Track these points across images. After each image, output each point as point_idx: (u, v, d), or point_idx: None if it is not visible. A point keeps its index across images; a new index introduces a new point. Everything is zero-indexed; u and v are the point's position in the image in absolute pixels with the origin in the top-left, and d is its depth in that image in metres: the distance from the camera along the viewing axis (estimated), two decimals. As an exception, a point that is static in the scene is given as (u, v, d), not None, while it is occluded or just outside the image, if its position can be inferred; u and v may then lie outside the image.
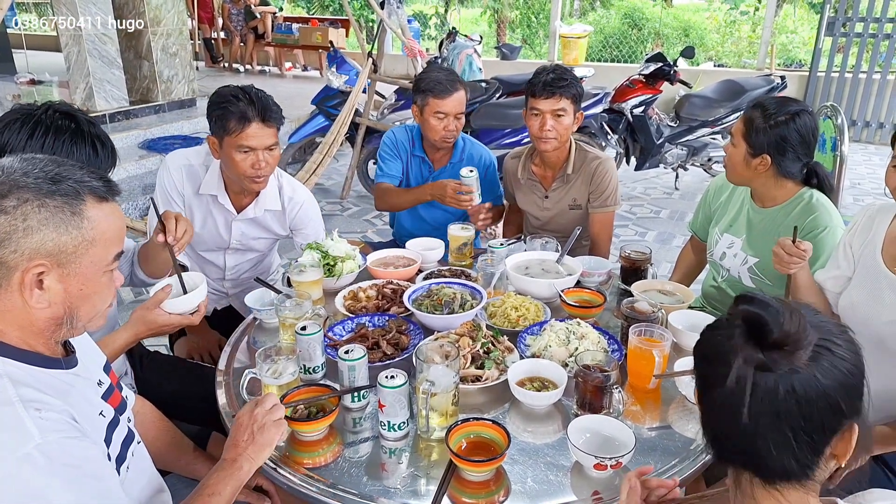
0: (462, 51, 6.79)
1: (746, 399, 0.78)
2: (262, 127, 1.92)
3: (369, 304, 1.93)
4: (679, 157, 5.64)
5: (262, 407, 1.25)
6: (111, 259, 1.05)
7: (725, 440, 0.86)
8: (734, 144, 1.92)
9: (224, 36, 12.14)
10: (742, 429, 0.80)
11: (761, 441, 0.80)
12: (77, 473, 0.93)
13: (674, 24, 12.37)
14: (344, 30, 11.43)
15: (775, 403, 0.78)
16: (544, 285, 1.93)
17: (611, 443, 1.30)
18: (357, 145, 5.48)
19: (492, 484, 1.25)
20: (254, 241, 2.25)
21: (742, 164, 1.91)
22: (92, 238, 1.00)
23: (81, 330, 1.08)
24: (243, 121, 1.89)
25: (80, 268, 1.00)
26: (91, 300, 1.04)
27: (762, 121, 1.84)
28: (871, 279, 1.59)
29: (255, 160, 1.94)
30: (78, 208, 0.99)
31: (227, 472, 1.18)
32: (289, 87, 10.24)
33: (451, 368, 1.35)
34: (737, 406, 0.79)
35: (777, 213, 1.95)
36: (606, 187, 2.37)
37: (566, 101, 2.24)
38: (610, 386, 1.39)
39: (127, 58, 6.59)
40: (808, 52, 8.49)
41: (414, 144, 2.61)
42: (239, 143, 1.91)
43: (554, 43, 9.18)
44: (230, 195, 2.12)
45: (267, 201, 2.16)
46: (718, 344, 0.85)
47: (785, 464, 0.81)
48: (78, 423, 0.99)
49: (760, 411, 0.79)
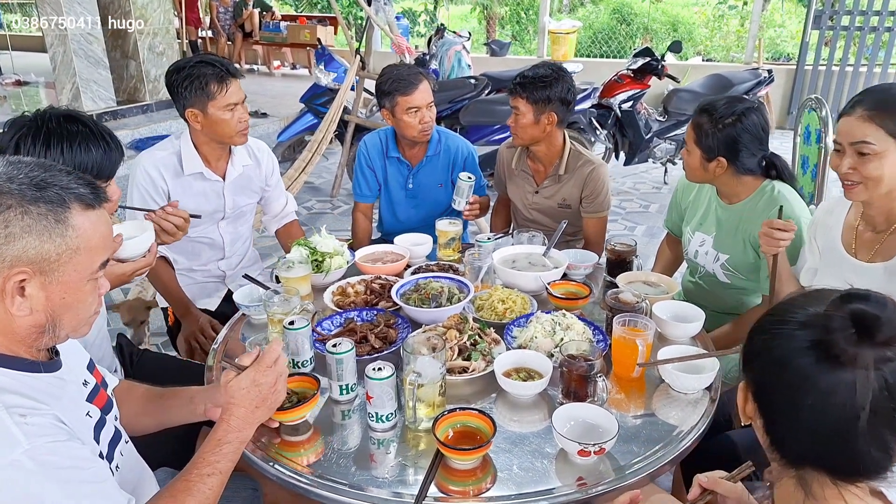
0: (451, 47, 6.80)
1: (868, 400, 0.75)
2: (237, 82, 2.11)
3: (357, 299, 1.95)
4: (667, 152, 5.67)
5: (265, 366, 1.22)
6: (96, 267, 1.04)
7: (811, 443, 0.81)
8: (689, 151, 1.95)
9: (211, 35, 12.09)
10: (847, 430, 0.77)
11: (862, 440, 0.77)
12: (69, 475, 0.94)
13: (662, 18, 12.41)
14: (332, 27, 11.42)
15: (885, 400, 0.76)
16: (531, 278, 1.95)
17: (594, 430, 1.33)
18: (346, 143, 5.48)
19: (478, 472, 1.27)
20: (243, 201, 2.38)
21: (700, 168, 1.94)
22: (76, 246, 0.99)
23: (65, 338, 1.06)
24: (223, 80, 2.05)
25: (63, 276, 0.99)
26: (74, 308, 1.03)
27: (710, 125, 1.86)
28: (835, 266, 1.62)
29: (241, 115, 2.12)
30: (62, 216, 0.97)
31: (232, 448, 1.16)
32: (277, 85, 10.23)
33: (438, 360, 1.37)
34: (850, 408, 0.76)
35: (743, 209, 1.97)
36: (599, 193, 2.39)
37: (520, 101, 2.29)
38: (594, 375, 1.41)
39: (113, 57, 6.57)
40: (796, 46, 8.54)
41: (388, 148, 2.61)
42: (226, 102, 2.06)
43: (543, 39, 9.19)
44: (211, 166, 2.24)
45: (240, 158, 2.31)
46: (817, 344, 0.79)
47: (874, 459, 0.78)
48: (66, 424, 0.99)
49: (875, 409, 0.76)
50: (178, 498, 1.08)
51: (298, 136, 5.57)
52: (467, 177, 2.36)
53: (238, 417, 1.18)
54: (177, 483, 1.10)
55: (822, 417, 0.78)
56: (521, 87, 2.28)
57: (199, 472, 1.11)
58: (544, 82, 2.25)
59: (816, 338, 0.79)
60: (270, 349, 1.25)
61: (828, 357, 0.77)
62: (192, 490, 1.09)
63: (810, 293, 0.87)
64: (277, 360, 1.24)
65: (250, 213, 2.48)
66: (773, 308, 0.89)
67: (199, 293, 2.39)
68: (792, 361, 0.80)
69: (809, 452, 0.82)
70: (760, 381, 0.87)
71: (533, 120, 2.30)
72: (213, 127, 2.11)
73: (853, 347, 0.76)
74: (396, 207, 2.71)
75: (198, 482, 1.10)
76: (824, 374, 0.77)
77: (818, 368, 0.78)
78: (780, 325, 0.84)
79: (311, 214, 5.26)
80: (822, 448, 0.80)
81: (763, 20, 9.63)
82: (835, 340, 0.77)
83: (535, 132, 2.32)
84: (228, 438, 1.16)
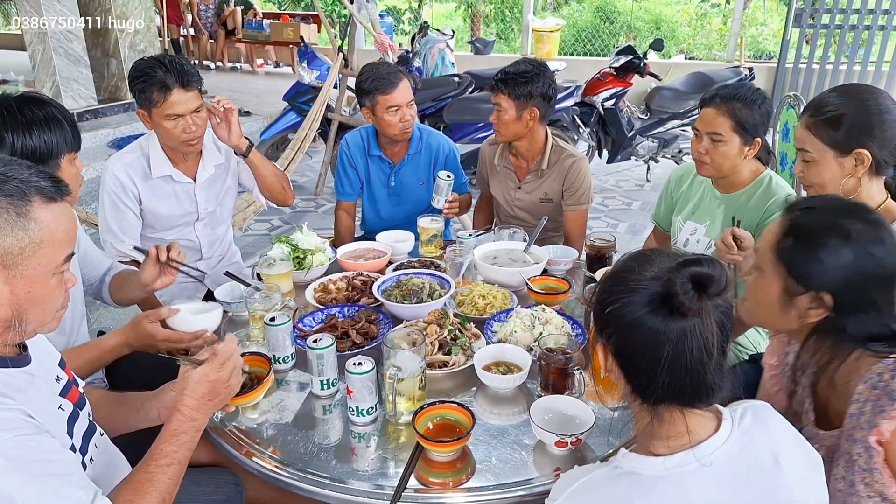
0: (434, 45, 6.80)
1: (712, 340, 0.91)
2: (183, 92, 1.98)
3: (339, 295, 1.96)
4: (650, 150, 5.72)
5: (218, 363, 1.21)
6: (61, 261, 1.03)
7: (670, 385, 0.94)
8: (724, 141, 1.88)
9: (193, 33, 11.99)
10: (699, 367, 0.92)
11: (710, 372, 0.93)
12: (37, 469, 0.94)
13: (645, 17, 12.48)
14: (315, 25, 11.36)
15: (720, 337, 0.92)
16: (512, 274, 1.97)
17: (572, 421, 1.35)
18: (330, 141, 5.47)
19: (458, 463, 1.29)
20: (217, 202, 2.34)
21: (738, 155, 1.91)
22: (39, 240, 0.99)
23: (33, 333, 1.06)
24: (164, 90, 1.96)
25: (27, 270, 0.99)
26: (41, 303, 1.03)
27: (746, 109, 1.86)
28: None
29: (186, 125, 2.02)
30: (24, 209, 0.97)
31: (188, 437, 1.16)
32: (260, 83, 10.18)
33: (418, 354, 1.39)
34: (698, 349, 0.91)
35: (739, 198, 2.00)
36: (580, 186, 2.41)
37: (502, 97, 2.31)
38: (572, 368, 1.44)
39: (94, 56, 6.51)
40: (777, 44, 8.64)
41: (370, 146, 2.61)
42: (165, 112, 1.98)
43: (527, 37, 9.22)
44: (180, 168, 2.20)
45: (211, 157, 2.26)
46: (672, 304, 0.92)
47: (717, 384, 0.95)
48: (34, 418, 0.99)
49: (714, 345, 0.92)
50: (140, 490, 1.08)
51: (282, 134, 5.55)
52: (446, 175, 2.37)
53: (191, 408, 1.18)
54: (137, 475, 1.11)
55: (678, 362, 0.92)
56: (503, 83, 2.30)
57: (157, 464, 1.12)
58: (525, 78, 2.27)
59: (664, 298, 0.92)
60: (225, 348, 1.23)
61: (677, 312, 0.91)
62: (153, 481, 1.09)
63: (639, 257, 1.01)
64: (231, 357, 1.24)
65: (228, 214, 2.45)
66: (612, 277, 1.01)
67: (179, 293, 2.37)
68: (645, 323, 0.94)
69: (668, 393, 0.95)
70: (619, 343, 0.99)
71: (515, 116, 2.31)
72: (158, 132, 2.08)
73: (696, 302, 0.90)
74: (379, 205, 2.72)
75: (158, 473, 1.11)
76: (675, 327, 0.92)
77: (669, 323, 0.92)
78: (626, 294, 0.96)
79: (295, 213, 5.24)
80: (679, 387, 0.94)
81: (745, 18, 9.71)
82: (681, 299, 0.90)
83: (518, 128, 2.34)
84: (184, 428, 1.16)
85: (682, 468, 0.93)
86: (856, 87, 1.54)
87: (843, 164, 1.50)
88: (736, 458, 0.94)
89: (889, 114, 1.47)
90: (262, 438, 1.39)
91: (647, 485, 0.92)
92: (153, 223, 2.24)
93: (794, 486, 0.94)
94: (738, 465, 0.94)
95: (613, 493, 0.93)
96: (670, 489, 0.92)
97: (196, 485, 1.50)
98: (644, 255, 1.01)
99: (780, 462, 0.95)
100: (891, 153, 1.49)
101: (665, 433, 0.97)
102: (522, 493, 1.23)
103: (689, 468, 0.93)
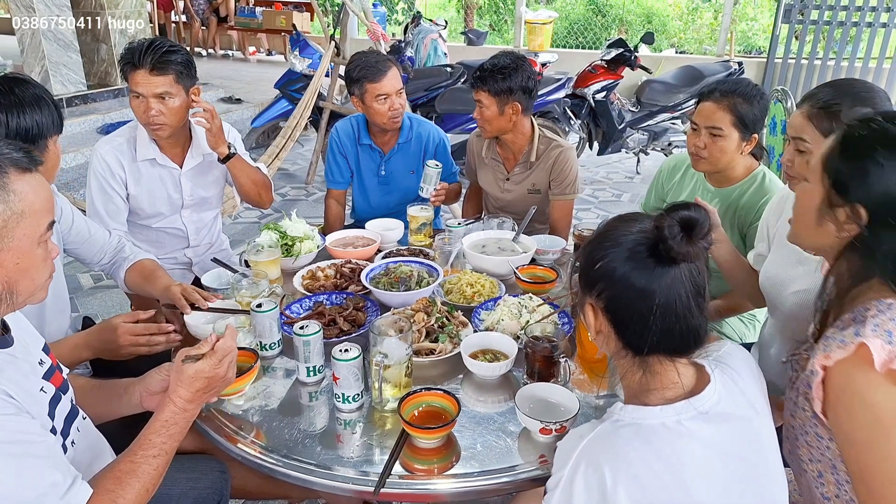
0: (427, 35, 6.77)
1: (701, 283, 0.97)
2: (148, 75, 1.97)
3: (327, 282, 1.95)
4: (640, 142, 5.74)
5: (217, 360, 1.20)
6: (43, 229, 1.05)
7: (661, 333, 0.98)
8: (724, 136, 1.89)
9: (185, 20, 11.86)
10: (687, 312, 0.97)
11: (695, 316, 0.98)
12: (15, 450, 0.95)
13: (637, 10, 12.49)
14: (308, 14, 11.27)
15: (703, 279, 0.98)
16: (500, 262, 1.97)
17: (556, 409, 1.36)
18: (321, 129, 5.45)
19: (443, 450, 1.30)
20: (203, 190, 2.32)
21: (735, 150, 1.92)
22: (21, 210, 1.00)
23: (23, 304, 1.07)
24: (130, 66, 1.98)
25: (14, 241, 1.00)
26: (29, 273, 1.04)
27: (746, 104, 1.86)
28: (783, 253, 1.65)
29: (146, 107, 2.00)
30: (1, 181, 0.98)
31: (178, 428, 1.16)
32: (253, 71, 10.10)
33: (404, 341, 1.39)
34: (686, 294, 0.96)
35: (733, 192, 2.01)
36: (567, 176, 2.41)
37: (482, 94, 2.29)
38: (557, 356, 1.44)
39: (84, 41, 6.42)
40: (767, 39, 8.67)
41: (360, 135, 2.61)
42: (131, 88, 2.01)
43: (520, 29, 9.20)
44: (167, 154, 2.19)
45: (200, 146, 2.23)
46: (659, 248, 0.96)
47: (702, 327, 1.00)
48: (15, 399, 0.99)
49: (699, 288, 0.97)
50: (122, 480, 1.07)
51: (273, 122, 5.52)
52: (434, 164, 2.37)
53: (185, 399, 1.17)
54: (121, 464, 1.10)
55: (669, 309, 0.96)
56: (482, 80, 2.28)
57: (144, 454, 1.11)
58: (504, 73, 2.25)
59: (653, 245, 0.96)
60: (224, 345, 1.22)
61: (666, 258, 0.95)
62: (136, 472, 1.09)
63: (622, 217, 1.05)
64: (230, 353, 1.23)
65: (216, 202, 2.43)
66: (599, 236, 1.04)
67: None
68: (636, 271, 0.97)
69: (660, 341, 0.98)
70: (610, 297, 1.01)
71: (497, 111, 2.30)
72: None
73: (685, 246, 0.93)
74: (369, 194, 2.71)
75: (143, 463, 1.10)
76: (666, 274, 0.95)
77: (659, 271, 0.95)
78: (615, 247, 0.99)
79: (286, 201, 5.22)
80: (670, 333, 0.98)
81: (735, 14, 9.73)
82: (670, 244, 0.93)
83: (502, 123, 2.34)
84: (175, 419, 1.16)
85: (680, 416, 0.96)
86: (860, 83, 1.49)
87: None
88: (725, 407, 0.99)
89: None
90: (247, 424, 1.39)
91: (649, 433, 0.95)
92: (138, 209, 2.22)
93: (767, 430, 1.03)
94: (727, 414, 0.98)
95: (619, 442, 0.95)
96: (672, 437, 0.95)
97: (181, 472, 1.50)
98: (626, 215, 1.05)
99: (756, 409, 1.02)
100: None
101: (659, 384, 1.01)
102: (507, 479, 1.24)
103: (688, 415, 0.96)
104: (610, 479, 0.90)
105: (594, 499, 0.91)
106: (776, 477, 1.03)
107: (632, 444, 0.94)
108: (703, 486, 0.93)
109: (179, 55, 2.02)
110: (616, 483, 0.90)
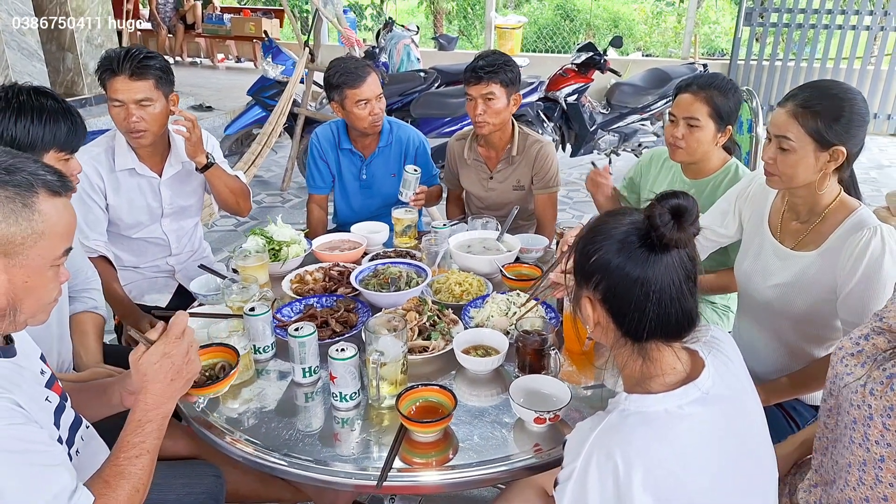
0: (400, 41, 6.80)
1: (691, 268, 1.02)
2: (128, 81, 1.96)
3: (316, 286, 1.98)
4: (611, 144, 5.85)
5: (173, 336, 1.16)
6: (60, 254, 1.05)
7: (658, 319, 1.02)
8: (700, 126, 1.96)
9: (151, 27, 11.70)
10: (681, 296, 1.02)
11: (688, 300, 1.03)
12: (22, 459, 0.95)
13: (604, 15, 12.73)
14: (278, 20, 11.22)
15: (693, 264, 1.04)
16: (486, 261, 2.02)
17: (549, 399, 1.41)
18: (296, 136, 5.44)
19: (441, 443, 1.33)
20: (183, 199, 2.31)
21: (711, 141, 2.00)
22: (42, 231, 1.00)
23: (23, 325, 1.07)
24: (109, 73, 1.97)
25: (27, 260, 1.00)
26: (36, 293, 1.04)
27: (722, 97, 1.94)
28: (759, 247, 1.71)
29: (127, 114, 1.99)
30: (30, 200, 0.99)
31: (154, 426, 1.14)
32: (222, 78, 10.02)
33: (399, 339, 1.42)
34: (678, 279, 1.01)
35: (708, 184, 2.09)
36: (549, 170, 2.48)
37: (495, 86, 2.33)
38: (547, 348, 1.49)
39: (49, 50, 6.30)
40: (729, 42, 8.91)
41: (340, 139, 2.63)
42: (109, 95, 1.99)
43: (490, 34, 9.30)
44: (146, 163, 2.18)
45: (181, 154, 2.22)
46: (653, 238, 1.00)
47: (695, 310, 1.05)
48: (24, 408, 1.00)
49: (690, 273, 1.03)
50: (111, 483, 1.07)
51: (246, 129, 5.49)
52: (413, 169, 2.40)
53: (155, 394, 1.14)
54: (107, 469, 1.10)
55: (665, 294, 1.01)
56: (494, 72, 2.33)
57: (126, 456, 1.10)
58: (510, 65, 2.36)
59: (646, 233, 1.00)
60: (177, 320, 1.19)
61: (659, 246, 1.00)
62: (124, 474, 1.09)
63: (611, 212, 1.10)
64: (185, 331, 1.19)
65: (196, 210, 2.42)
66: (591, 231, 1.09)
67: (149, 288, 2.36)
68: (630, 260, 1.01)
69: (657, 326, 1.03)
70: (607, 289, 1.05)
71: (506, 103, 2.38)
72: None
73: (676, 233, 0.98)
74: (351, 198, 2.74)
75: (128, 465, 1.10)
76: (659, 261, 1.00)
77: (653, 258, 1.00)
78: (608, 240, 1.04)
79: (262, 208, 5.20)
80: (665, 318, 1.02)
81: (698, 17, 9.98)
82: (662, 231, 0.98)
83: (507, 114, 2.42)
84: (149, 417, 1.13)
85: (681, 401, 1.00)
86: (838, 84, 1.53)
87: (819, 158, 1.50)
88: (720, 389, 1.04)
89: (865, 116, 1.50)
90: (245, 426, 1.41)
91: (653, 419, 0.99)
92: (118, 219, 2.21)
93: (756, 408, 1.09)
94: (722, 395, 1.03)
95: (627, 431, 0.98)
96: (674, 422, 0.99)
97: (176, 477, 1.51)
98: (614, 210, 1.11)
99: (746, 388, 1.08)
100: (855, 155, 1.55)
101: (659, 370, 1.05)
102: (504, 468, 1.28)
103: (688, 399, 1.01)
104: (623, 466, 0.94)
105: (608, 486, 0.95)
106: (766, 450, 1.10)
107: (638, 431, 0.98)
108: (702, 465, 0.99)
109: (157, 61, 2.03)
110: (629, 470, 0.94)
